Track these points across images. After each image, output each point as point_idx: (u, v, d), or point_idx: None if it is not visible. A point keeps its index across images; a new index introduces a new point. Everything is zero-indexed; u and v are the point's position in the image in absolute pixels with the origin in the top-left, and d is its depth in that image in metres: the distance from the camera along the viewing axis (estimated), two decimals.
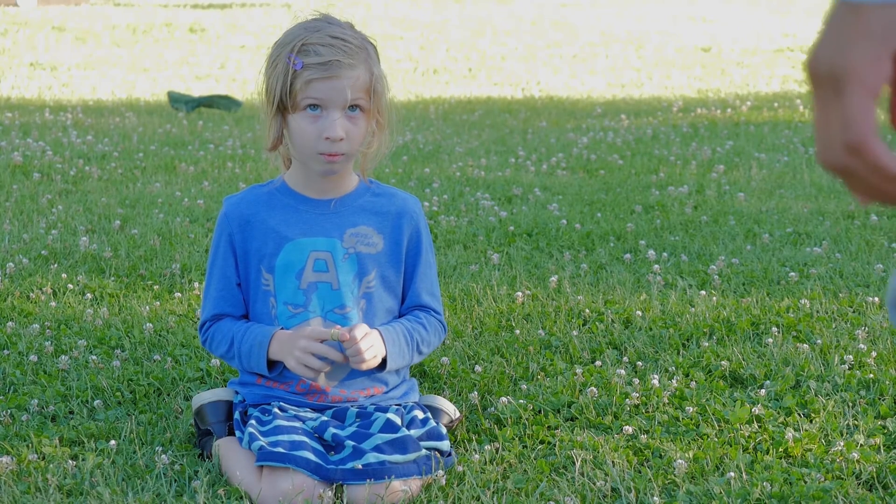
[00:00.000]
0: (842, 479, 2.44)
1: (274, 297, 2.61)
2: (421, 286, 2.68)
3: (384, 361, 2.56)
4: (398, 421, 2.51)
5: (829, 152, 0.89)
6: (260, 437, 2.45)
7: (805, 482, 2.40)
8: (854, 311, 3.58)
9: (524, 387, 2.96)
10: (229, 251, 2.63)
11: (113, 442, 2.63)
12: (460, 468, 2.49)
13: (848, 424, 2.72)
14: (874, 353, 3.14)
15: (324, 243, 2.60)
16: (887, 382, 2.95)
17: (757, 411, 2.76)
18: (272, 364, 2.57)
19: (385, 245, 2.63)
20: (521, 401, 2.85)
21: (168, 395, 2.97)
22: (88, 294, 3.74)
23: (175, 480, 2.47)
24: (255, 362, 2.57)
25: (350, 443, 2.44)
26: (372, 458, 2.39)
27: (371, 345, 2.50)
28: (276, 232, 2.60)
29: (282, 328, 2.58)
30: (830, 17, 0.86)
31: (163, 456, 2.54)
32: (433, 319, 2.69)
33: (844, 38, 0.82)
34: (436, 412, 2.68)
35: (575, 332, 3.36)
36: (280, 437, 2.43)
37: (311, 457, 2.38)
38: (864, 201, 0.91)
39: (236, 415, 2.61)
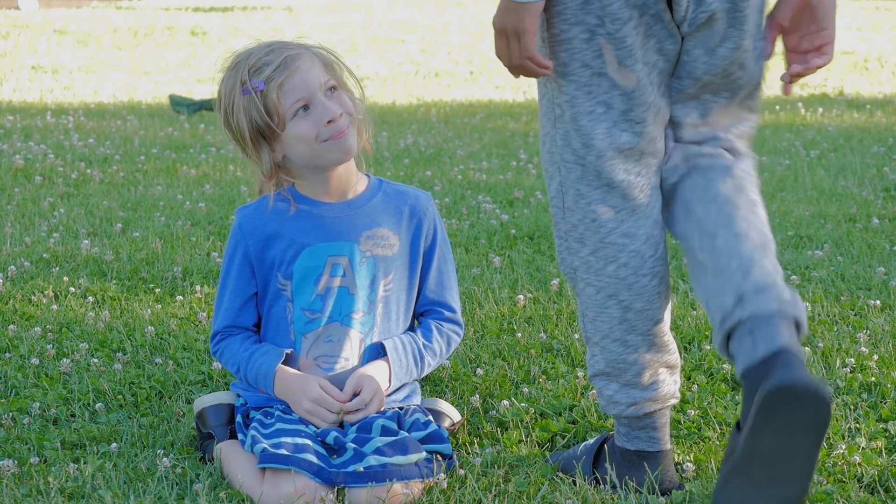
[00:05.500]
0: (843, 482, 2.44)
1: (291, 302, 2.61)
2: (435, 282, 2.69)
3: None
4: (394, 426, 2.51)
5: (513, 63, 2.20)
6: (262, 439, 2.45)
7: None
8: (856, 315, 3.58)
9: (526, 390, 2.96)
10: (244, 263, 2.63)
11: (114, 445, 2.63)
12: (462, 471, 2.49)
13: (850, 428, 2.72)
14: (876, 357, 3.14)
15: (341, 247, 2.60)
16: (889, 385, 2.95)
17: None
18: None
19: (401, 246, 2.64)
20: (523, 404, 2.85)
21: (170, 398, 2.97)
22: (90, 297, 3.75)
23: (177, 484, 2.47)
24: (264, 389, 2.60)
25: (351, 445, 2.44)
26: (373, 460, 2.39)
27: (376, 404, 2.55)
28: (293, 239, 2.60)
29: (287, 352, 2.59)
30: (506, 4, 2.15)
31: (164, 459, 2.54)
32: (445, 328, 2.69)
33: (521, 13, 2.15)
34: (437, 415, 2.68)
35: (576, 336, 3.36)
36: (283, 440, 2.43)
37: (314, 459, 2.38)
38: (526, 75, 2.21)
39: (238, 418, 2.61)
